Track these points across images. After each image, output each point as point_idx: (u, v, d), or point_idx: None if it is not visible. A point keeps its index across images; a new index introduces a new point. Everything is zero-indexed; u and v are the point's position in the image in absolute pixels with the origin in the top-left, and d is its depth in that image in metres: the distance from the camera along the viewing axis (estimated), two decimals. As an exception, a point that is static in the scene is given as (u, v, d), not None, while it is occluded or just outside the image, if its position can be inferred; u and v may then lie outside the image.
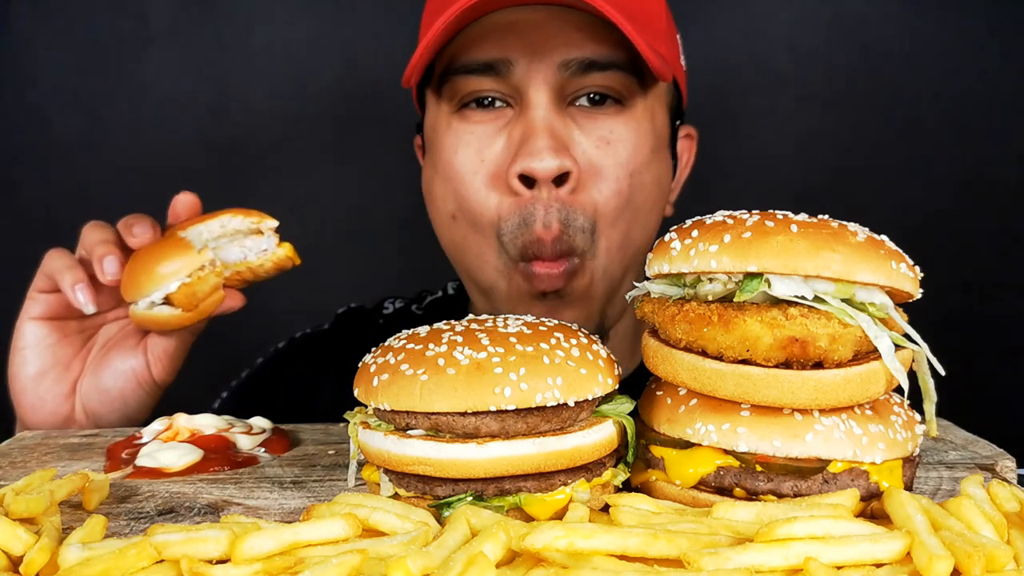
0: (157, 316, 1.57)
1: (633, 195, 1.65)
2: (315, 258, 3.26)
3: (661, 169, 1.72)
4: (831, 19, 2.99)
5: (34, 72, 3.02)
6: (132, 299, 1.56)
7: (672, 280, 1.15)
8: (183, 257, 1.55)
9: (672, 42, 1.75)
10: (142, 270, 1.55)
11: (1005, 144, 2.97)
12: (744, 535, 0.94)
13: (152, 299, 1.55)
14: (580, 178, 1.60)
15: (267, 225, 1.63)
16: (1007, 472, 1.26)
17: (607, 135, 1.62)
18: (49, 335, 1.64)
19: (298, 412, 1.80)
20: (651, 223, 1.73)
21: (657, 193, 1.71)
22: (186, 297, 1.55)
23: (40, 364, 1.64)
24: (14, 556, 0.96)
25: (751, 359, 1.05)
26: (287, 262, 1.65)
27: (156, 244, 1.58)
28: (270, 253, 1.63)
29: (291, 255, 1.65)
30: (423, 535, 0.96)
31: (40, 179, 3.04)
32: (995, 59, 2.94)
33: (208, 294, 1.58)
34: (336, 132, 3.06)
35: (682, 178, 1.90)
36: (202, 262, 1.56)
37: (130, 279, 1.55)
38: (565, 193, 1.59)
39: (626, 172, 1.63)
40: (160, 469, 1.29)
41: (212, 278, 1.57)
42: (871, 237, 1.08)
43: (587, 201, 1.61)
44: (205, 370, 1.89)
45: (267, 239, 1.64)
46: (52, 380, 1.65)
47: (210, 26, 3.04)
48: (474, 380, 1.04)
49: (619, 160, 1.62)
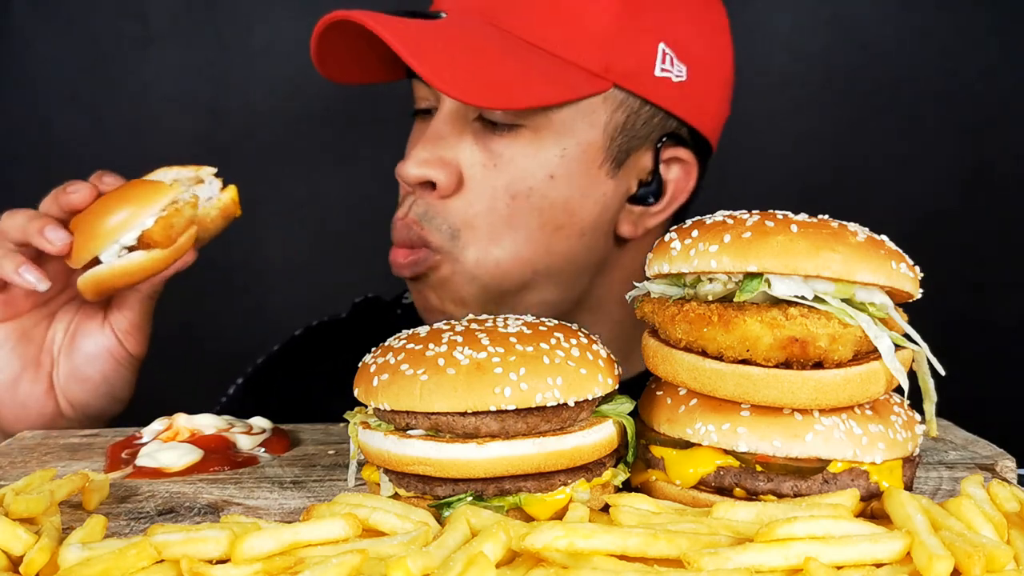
0: (128, 265, 1.48)
1: (514, 217, 1.63)
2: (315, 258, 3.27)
3: (575, 194, 1.65)
4: (831, 19, 2.99)
5: (34, 72, 3.02)
6: (95, 252, 1.47)
7: (672, 280, 1.15)
8: (157, 192, 1.49)
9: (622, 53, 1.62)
10: (104, 217, 1.46)
11: (1005, 144, 2.97)
12: (744, 535, 0.94)
13: (122, 242, 1.47)
14: (455, 189, 1.63)
15: (206, 172, 1.59)
16: (1007, 472, 1.26)
17: (494, 157, 1.63)
18: (8, 338, 1.58)
19: (313, 401, 1.80)
20: (557, 246, 1.67)
21: (564, 218, 1.66)
22: (164, 231, 1.47)
23: (10, 370, 1.58)
24: (14, 556, 0.96)
25: (751, 359, 1.05)
26: (233, 208, 1.59)
27: (112, 194, 1.51)
28: (215, 199, 1.57)
29: (235, 198, 1.59)
30: (423, 535, 0.96)
31: (40, 179, 3.03)
32: (995, 58, 2.94)
33: (183, 228, 1.51)
34: (336, 132, 3.06)
35: (674, 204, 1.78)
36: (176, 194, 1.50)
37: (88, 234, 1.47)
38: (434, 198, 1.64)
39: (506, 194, 1.62)
40: (160, 469, 1.29)
41: (188, 209, 1.51)
42: (871, 237, 1.08)
43: (455, 210, 1.63)
44: (205, 370, 1.89)
45: (209, 186, 1.58)
46: (28, 382, 1.60)
47: (210, 26, 3.04)
48: (474, 380, 1.04)
49: (500, 182, 1.62)
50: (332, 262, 2.95)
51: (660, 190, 1.74)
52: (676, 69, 1.68)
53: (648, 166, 1.73)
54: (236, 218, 1.61)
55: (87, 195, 1.52)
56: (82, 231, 1.49)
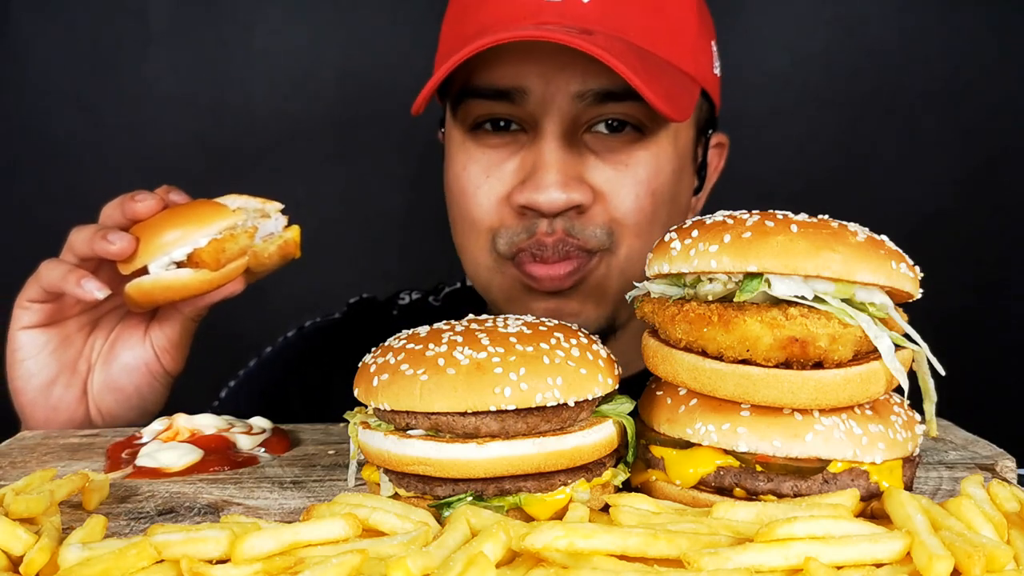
0: (174, 280, 1.50)
1: (656, 212, 1.65)
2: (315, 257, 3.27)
3: (682, 188, 1.73)
4: (831, 19, 2.99)
5: (34, 72, 3.02)
6: (145, 261, 1.49)
7: (672, 280, 1.15)
8: (216, 214, 1.50)
9: (700, 55, 1.71)
10: (162, 230, 1.48)
11: (1005, 144, 2.97)
12: (744, 535, 0.95)
13: (173, 257, 1.49)
14: (593, 202, 1.62)
15: (273, 207, 1.59)
16: (1007, 472, 1.26)
17: (625, 159, 1.62)
18: (49, 341, 1.60)
19: (310, 402, 1.79)
20: None
21: (676, 212, 1.72)
22: (214, 254, 1.48)
23: (47, 373, 1.60)
24: (14, 556, 0.96)
25: (751, 359, 1.05)
26: (292, 248, 1.60)
27: (176, 209, 1.53)
28: (276, 236, 1.58)
29: (297, 240, 1.60)
30: (423, 535, 0.96)
31: (40, 179, 3.04)
32: (995, 58, 2.94)
33: (235, 256, 1.52)
34: (336, 132, 3.06)
35: (710, 185, 1.90)
36: (236, 220, 1.51)
37: (143, 243, 1.48)
38: (576, 214, 1.62)
39: (647, 190, 1.63)
40: (160, 469, 1.29)
41: (243, 238, 1.52)
42: (871, 237, 1.08)
43: (600, 214, 1.62)
44: (205, 369, 1.89)
45: (274, 222, 1.59)
46: (63, 386, 1.61)
47: (210, 26, 3.04)
48: (474, 380, 1.04)
49: (638, 179, 1.63)
50: (332, 261, 2.94)
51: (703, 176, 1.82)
52: (717, 63, 1.79)
53: (700, 153, 1.80)
54: (294, 259, 1.61)
55: (152, 205, 1.53)
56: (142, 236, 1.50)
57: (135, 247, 1.48)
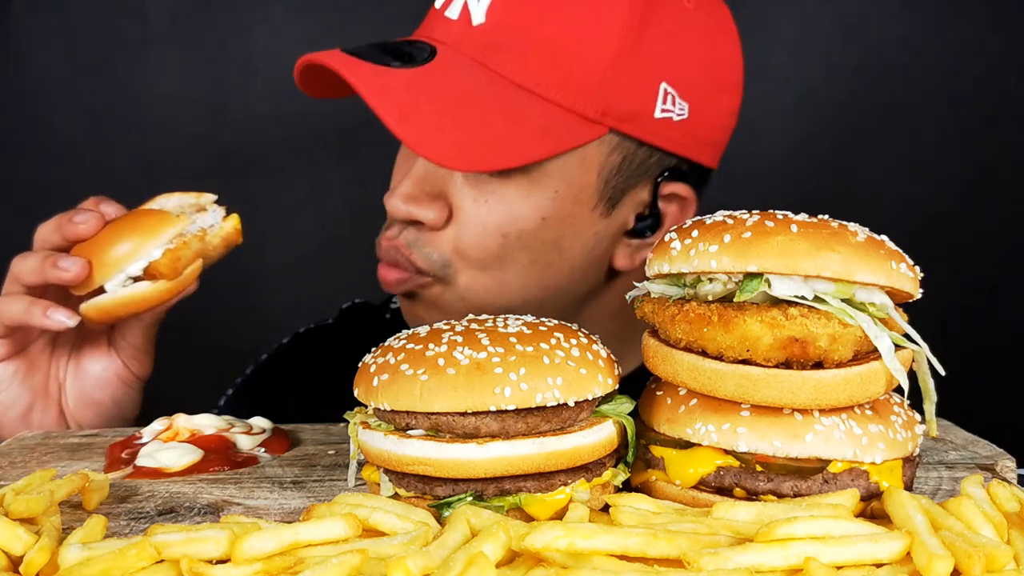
0: (133, 295, 1.47)
1: (505, 254, 1.60)
2: (315, 258, 3.27)
3: (567, 234, 1.62)
4: (831, 19, 2.99)
5: (34, 72, 3.02)
6: (101, 281, 1.47)
7: (672, 280, 1.15)
8: (164, 223, 1.48)
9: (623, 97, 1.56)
10: (110, 247, 1.46)
11: (1005, 144, 2.97)
12: (744, 535, 0.94)
13: (128, 272, 1.47)
14: (444, 223, 1.60)
15: (207, 199, 1.57)
16: (1007, 472, 1.26)
17: (486, 194, 1.58)
18: (17, 371, 1.57)
19: (306, 408, 1.79)
20: (548, 280, 1.65)
21: (555, 256, 1.63)
22: (171, 263, 1.47)
23: (23, 402, 1.58)
24: (14, 556, 0.96)
25: (751, 359, 1.05)
26: (235, 236, 1.58)
27: (118, 222, 1.50)
28: (218, 227, 1.56)
29: (238, 227, 1.58)
30: (423, 535, 0.96)
31: (40, 179, 3.04)
32: (995, 58, 2.95)
33: (190, 260, 1.50)
34: (336, 132, 3.06)
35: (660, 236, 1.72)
36: (184, 226, 1.49)
37: (95, 262, 1.46)
38: (424, 230, 1.61)
39: (497, 232, 1.58)
40: (160, 469, 1.29)
41: (195, 243, 1.50)
42: (871, 237, 1.08)
43: (445, 240, 1.60)
44: (204, 370, 1.89)
45: (212, 214, 1.56)
46: (40, 411, 1.60)
47: (210, 26, 3.04)
48: (474, 380, 1.04)
49: (491, 220, 1.58)
50: (331, 261, 2.95)
51: (658, 223, 1.70)
52: (678, 108, 1.61)
53: (646, 199, 1.68)
54: (237, 246, 1.60)
55: (95, 225, 1.49)
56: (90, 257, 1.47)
57: (89, 270, 1.46)
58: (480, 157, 1.49)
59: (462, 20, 1.58)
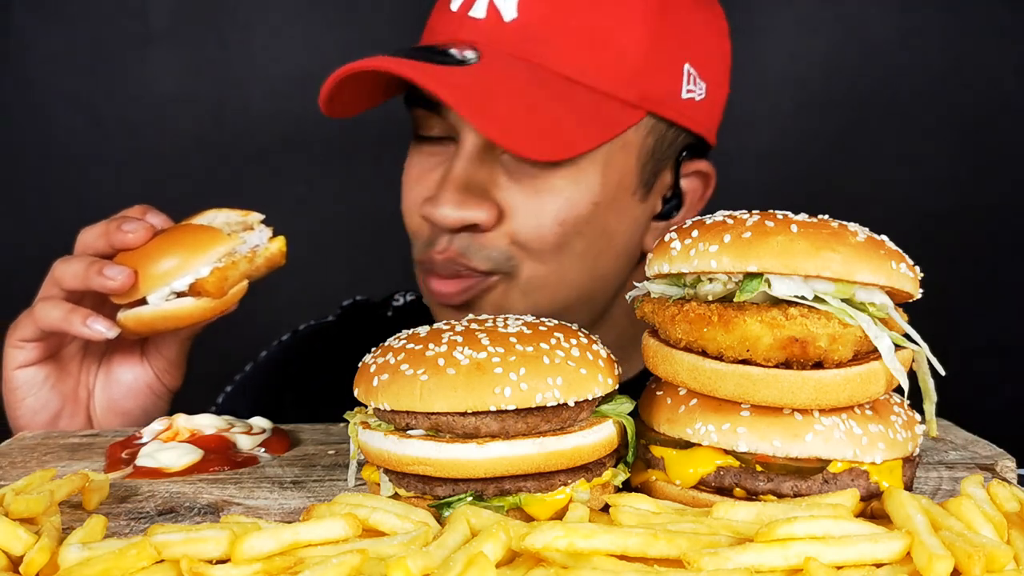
0: (176, 310, 1.46)
1: (563, 243, 1.60)
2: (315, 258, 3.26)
3: (612, 220, 1.64)
4: (831, 19, 2.99)
5: (34, 72, 3.02)
6: (146, 293, 1.45)
7: (672, 280, 1.15)
8: (214, 240, 1.47)
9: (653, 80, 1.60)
10: (159, 258, 1.44)
11: (1005, 144, 2.97)
12: (744, 535, 0.94)
13: (173, 287, 1.45)
14: (496, 222, 1.58)
15: (254, 218, 1.57)
16: (1007, 472, 1.26)
17: (539, 185, 1.57)
18: (48, 376, 1.57)
19: (305, 405, 1.79)
20: (599, 269, 1.67)
21: (605, 243, 1.65)
22: (218, 282, 1.45)
23: (52, 407, 1.58)
24: (14, 556, 0.96)
25: (751, 359, 1.05)
26: (279, 258, 1.57)
27: (167, 235, 1.49)
28: (263, 248, 1.55)
29: (283, 249, 1.57)
30: (423, 535, 0.96)
31: (40, 179, 3.04)
32: (995, 58, 2.95)
33: (236, 281, 1.49)
34: (336, 132, 3.05)
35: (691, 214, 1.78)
36: (234, 245, 1.48)
37: (140, 273, 1.44)
38: (476, 233, 1.59)
39: (554, 221, 1.58)
40: (160, 469, 1.29)
41: (244, 263, 1.49)
42: (871, 237, 1.08)
43: (501, 236, 1.58)
44: (204, 370, 1.89)
45: (258, 234, 1.55)
46: (68, 417, 1.60)
47: (210, 26, 3.04)
48: (474, 380, 1.04)
49: (547, 209, 1.57)
50: (332, 261, 2.94)
51: (680, 203, 1.74)
52: (698, 88, 1.66)
53: (670, 182, 1.72)
54: (280, 267, 1.58)
55: (144, 235, 1.47)
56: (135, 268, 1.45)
57: (134, 280, 1.44)
58: (554, 147, 1.51)
59: (491, 18, 1.57)
